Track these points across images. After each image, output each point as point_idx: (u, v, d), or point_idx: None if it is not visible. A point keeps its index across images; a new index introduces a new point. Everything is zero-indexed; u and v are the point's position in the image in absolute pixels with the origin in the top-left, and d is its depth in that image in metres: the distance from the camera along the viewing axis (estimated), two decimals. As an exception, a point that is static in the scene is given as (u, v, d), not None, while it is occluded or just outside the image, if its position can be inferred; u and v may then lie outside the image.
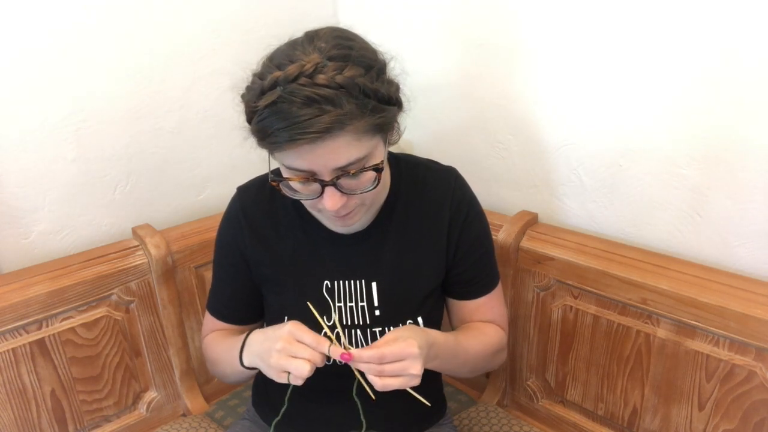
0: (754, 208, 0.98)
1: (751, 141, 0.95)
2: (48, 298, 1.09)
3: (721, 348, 0.97)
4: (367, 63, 0.71)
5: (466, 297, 0.96)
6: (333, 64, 0.68)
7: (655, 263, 1.05)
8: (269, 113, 0.68)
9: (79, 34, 1.13)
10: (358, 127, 0.69)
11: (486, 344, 0.93)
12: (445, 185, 0.91)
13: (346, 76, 0.68)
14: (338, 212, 0.76)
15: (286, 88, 0.67)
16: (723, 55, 0.94)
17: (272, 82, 0.68)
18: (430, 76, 1.36)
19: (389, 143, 0.79)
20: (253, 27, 1.36)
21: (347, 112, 0.67)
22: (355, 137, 0.70)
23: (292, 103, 0.66)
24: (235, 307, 0.98)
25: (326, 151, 0.69)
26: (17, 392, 1.08)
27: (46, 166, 1.16)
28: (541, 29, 1.15)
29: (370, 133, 0.72)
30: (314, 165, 0.71)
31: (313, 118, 0.66)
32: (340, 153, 0.70)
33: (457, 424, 1.18)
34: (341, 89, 0.67)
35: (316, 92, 0.66)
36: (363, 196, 0.77)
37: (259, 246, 0.92)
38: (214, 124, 1.37)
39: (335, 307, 0.90)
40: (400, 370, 0.73)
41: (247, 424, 1.05)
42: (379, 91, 0.71)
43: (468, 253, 0.92)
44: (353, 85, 0.68)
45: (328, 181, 0.72)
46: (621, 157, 1.12)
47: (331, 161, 0.70)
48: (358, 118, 0.69)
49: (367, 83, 0.69)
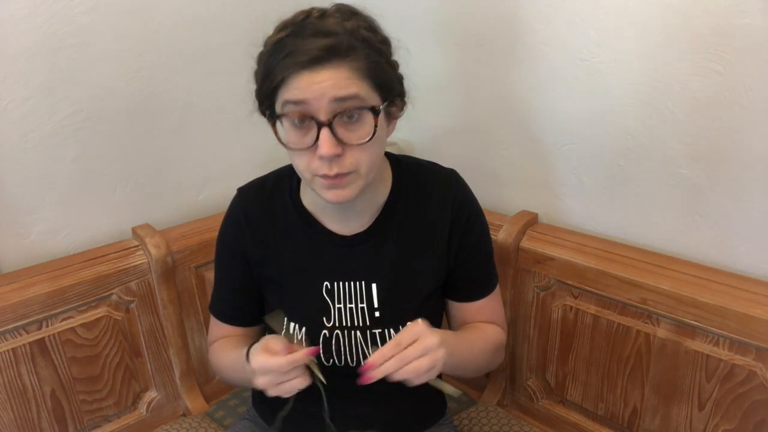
0: (754, 208, 0.98)
1: (751, 141, 0.95)
2: (48, 298, 1.09)
3: (721, 348, 0.97)
4: (374, 27, 0.76)
5: (467, 299, 0.95)
6: (341, 14, 0.73)
7: (655, 263, 1.05)
8: (275, 49, 0.72)
9: (79, 34, 1.13)
10: (359, 63, 0.71)
11: (488, 342, 0.93)
12: (446, 187, 0.91)
13: (353, 23, 0.72)
14: (332, 167, 0.74)
15: (294, 27, 0.72)
16: (723, 55, 0.94)
17: (281, 25, 0.73)
18: (430, 76, 1.36)
19: (390, 116, 0.80)
20: (253, 27, 1.35)
21: (349, 44, 0.70)
22: (355, 74, 0.71)
23: (298, 35, 0.70)
24: (238, 308, 0.98)
25: (324, 78, 0.70)
26: (17, 392, 1.08)
27: (46, 166, 1.16)
28: (541, 29, 1.15)
29: (371, 80, 0.73)
30: (313, 93, 0.70)
31: (317, 42, 0.69)
32: (339, 83, 0.70)
33: (457, 424, 1.18)
34: (346, 31, 0.71)
35: (323, 27, 0.70)
36: (358, 157, 0.74)
37: (259, 247, 0.92)
38: (214, 124, 1.37)
39: (335, 308, 0.89)
40: (422, 349, 0.73)
41: (247, 424, 1.05)
42: (383, 50, 0.75)
43: (469, 256, 0.92)
44: (358, 33, 0.72)
45: (324, 121, 0.71)
46: (621, 157, 1.12)
47: (330, 90, 0.70)
48: (359, 53, 0.71)
49: (372, 37, 0.73)
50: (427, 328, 0.75)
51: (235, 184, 0.97)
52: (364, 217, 0.89)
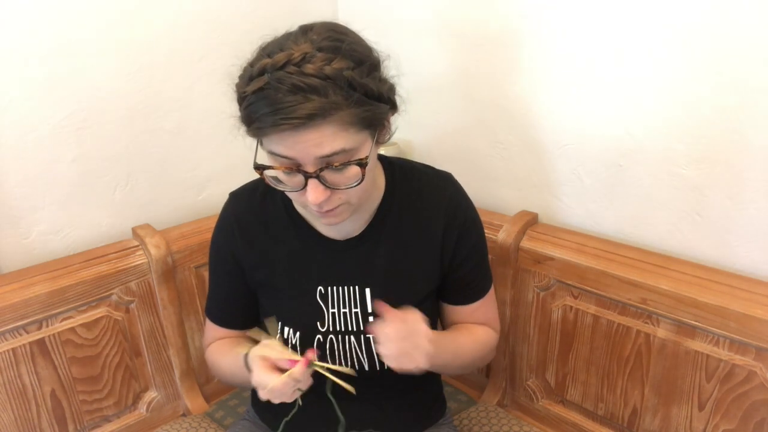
0: (754, 208, 0.98)
1: (751, 141, 0.95)
2: (48, 298, 1.09)
3: (721, 348, 0.97)
4: (358, 58, 0.71)
5: (462, 302, 0.95)
6: (322, 55, 0.68)
7: (655, 263, 1.05)
8: (255, 99, 0.68)
9: (79, 33, 1.13)
10: (342, 118, 0.69)
11: (476, 342, 0.94)
12: (440, 191, 0.91)
13: (334, 68, 0.67)
14: (321, 207, 0.75)
15: (273, 75, 0.67)
16: (723, 55, 0.94)
17: (261, 69, 0.68)
18: (430, 76, 1.36)
19: (379, 143, 0.78)
20: (253, 27, 1.36)
21: (332, 101, 0.67)
22: (340, 127, 0.69)
23: (278, 90, 0.66)
24: (233, 312, 0.97)
25: (309, 138, 0.68)
26: (17, 392, 1.08)
27: (46, 166, 1.16)
28: (542, 29, 1.15)
29: (356, 127, 0.71)
30: (297, 153, 0.70)
31: (297, 105, 0.66)
32: (323, 142, 0.69)
33: (457, 424, 1.18)
34: (328, 80, 0.67)
35: (302, 80, 0.66)
36: (348, 192, 0.76)
37: (252, 251, 0.91)
38: (214, 124, 1.37)
39: (329, 312, 0.89)
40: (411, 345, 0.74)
41: (247, 424, 1.04)
42: (368, 86, 0.71)
43: (465, 260, 0.92)
44: (340, 77, 0.68)
45: (311, 172, 0.71)
46: (621, 157, 1.12)
47: (314, 150, 0.69)
48: (343, 108, 0.68)
49: (356, 77, 0.69)
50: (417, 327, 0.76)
51: (235, 184, 0.97)
52: (358, 221, 0.88)
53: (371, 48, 0.76)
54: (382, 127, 0.77)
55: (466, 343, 0.92)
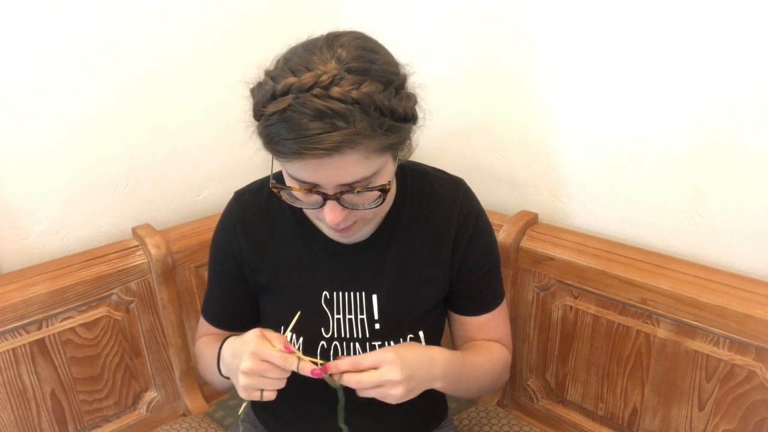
0: (754, 208, 0.98)
1: (751, 141, 0.95)
2: (48, 298, 1.09)
3: (721, 348, 0.97)
4: (387, 78, 0.68)
5: (471, 313, 0.92)
6: (351, 78, 0.64)
7: (655, 263, 1.05)
8: (278, 120, 0.64)
9: (79, 33, 1.13)
10: (368, 146, 0.66)
11: (491, 362, 0.90)
12: (452, 197, 0.89)
13: (363, 92, 0.64)
14: (338, 225, 0.74)
15: (298, 97, 0.63)
16: (723, 55, 0.94)
17: (285, 89, 0.64)
18: (430, 76, 1.36)
19: (399, 160, 0.77)
20: (253, 27, 1.36)
21: (359, 130, 0.64)
22: (364, 155, 0.67)
23: (303, 114, 0.63)
24: (227, 314, 0.96)
25: (333, 167, 0.66)
26: (17, 392, 1.08)
27: (46, 166, 1.16)
28: (542, 30, 1.15)
29: (380, 152, 0.69)
30: (319, 179, 0.68)
31: (324, 133, 0.62)
32: (347, 170, 0.67)
33: (457, 425, 1.18)
34: (356, 105, 0.63)
35: (329, 106, 0.62)
36: (366, 212, 0.75)
37: (255, 253, 0.89)
38: (214, 124, 1.37)
39: (334, 318, 0.87)
40: (378, 381, 0.71)
41: (247, 426, 1.04)
42: (396, 110, 0.68)
43: (475, 267, 0.89)
44: (369, 102, 0.64)
45: (331, 195, 0.70)
46: (621, 157, 1.12)
47: (337, 178, 0.68)
48: (369, 137, 0.65)
49: (384, 101, 0.65)
50: (396, 358, 0.72)
51: (235, 184, 0.96)
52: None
53: (399, 64, 0.73)
54: (404, 146, 0.76)
55: (475, 359, 0.88)
